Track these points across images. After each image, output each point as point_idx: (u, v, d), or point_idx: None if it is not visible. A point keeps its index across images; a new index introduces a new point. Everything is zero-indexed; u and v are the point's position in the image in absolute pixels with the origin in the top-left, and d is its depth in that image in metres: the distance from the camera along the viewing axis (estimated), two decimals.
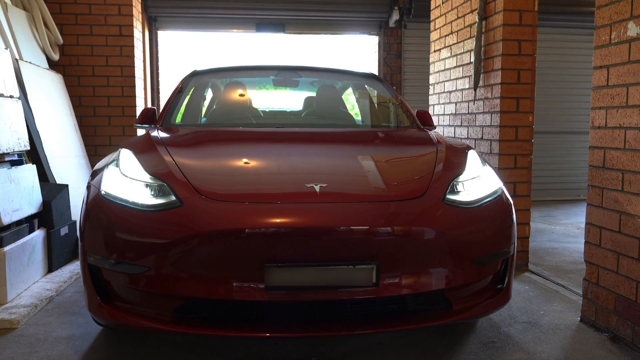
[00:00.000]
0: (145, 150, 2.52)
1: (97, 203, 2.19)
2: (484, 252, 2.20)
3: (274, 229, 1.95)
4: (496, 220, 2.30)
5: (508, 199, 2.43)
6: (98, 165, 2.59)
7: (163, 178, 2.19)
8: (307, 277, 1.97)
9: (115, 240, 2.07)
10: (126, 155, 2.43)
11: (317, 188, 2.13)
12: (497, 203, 2.33)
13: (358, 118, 3.87)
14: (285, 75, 3.85)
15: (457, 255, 2.11)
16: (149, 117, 3.28)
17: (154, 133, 2.86)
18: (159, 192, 2.14)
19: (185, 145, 2.76)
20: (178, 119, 3.39)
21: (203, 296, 1.97)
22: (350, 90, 4.15)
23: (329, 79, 4.01)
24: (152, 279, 1.99)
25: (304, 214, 2.02)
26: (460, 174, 2.38)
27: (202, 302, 2.02)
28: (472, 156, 2.60)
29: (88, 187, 2.38)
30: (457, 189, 2.29)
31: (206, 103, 3.79)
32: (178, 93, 3.49)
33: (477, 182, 2.38)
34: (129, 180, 2.23)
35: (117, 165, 2.35)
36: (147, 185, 2.18)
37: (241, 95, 3.73)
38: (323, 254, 1.97)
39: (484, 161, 2.64)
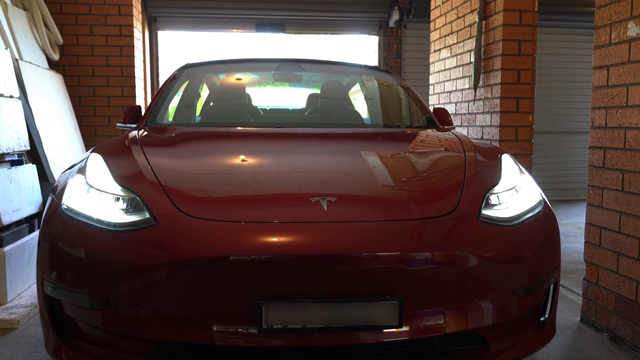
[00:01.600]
0: (119, 155, 2.14)
1: (57, 220, 1.82)
2: (528, 280, 1.82)
3: (269, 256, 1.59)
4: (541, 240, 1.92)
5: (552, 213, 2.05)
6: (64, 172, 2.19)
7: (136, 190, 1.81)
8: (313, 316, 1.60)
9: (76, 267, 1.71)
10: (95, 162, 2.03)
11: (324, 203, 1.76)
12: (540, 219, 1.95)
13: (366, 117, 3.53)
14: (286, 69, 3.44)
15: (496, 286, 1.74)
16: (134, 117, 2.92)
17: (134, 134, 2.46)
18: (130, 208, 1.77)
19: (167, 150, 2.38)
20: (169, 118, 3.06)
21: (181, 340, 1.61)
22: (358, 86, 3.76)
23: (335, 73, 3.62)
24: (119, 316, 1.64)
25: (308, 236, 1.66)
26: (496, 183, 1.99)
27: (180, 346, 1.66)
28: (508, 162, 2.20)
29: (50, 199, 2.00)
30: (493, 202, 1.91)
31: (198, 100, 3.41)
32: (166, 89, 3.07)
33: (516, 193, 2.00)
34: (95, 192, 1.85)
35: (84, 173, 1.96)
36: (117, 199, 1.80)
37: (237, 91, 3.35)
38: (332, 288, 1.61)
39: (521, 167, 2.25)
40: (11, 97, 3.50)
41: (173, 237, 1.64)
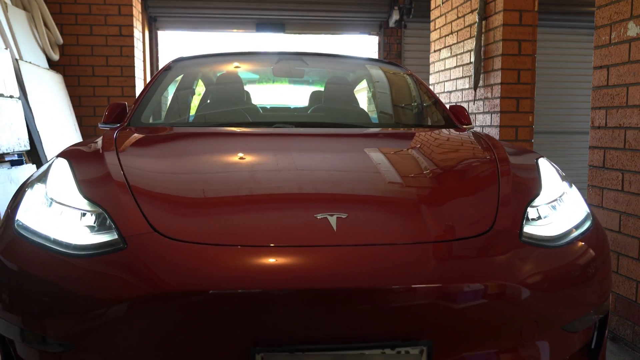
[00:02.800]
0: (89, 160, 1.79)
1: (9, 240, 1.50)
2: (579, 313, 1.50)
3: (265, 290, 1.27)
4: (592, 263, 1.55)
5: (602, 230, 1.72)
6: (29, 177, 1.87)
7: (104, 204, 1.49)
8: None
9: (28, 299, 1.38)
10: (59, 169, 1.70)
11: (332, 221, 1.43)
12: (589, 237, 1.61)
13: (375, 116, 3.26)
14: (287, 64, 3.12)
15: (543, 322, 1.42)
16: (118, 115, 2.57)
17: (110, 136, 2.10)
18: (97, 226, 1.44)
19: (147, 155, 2.00)
20: (157, 117, 2.76)
21: None
22: (366, 82, 3.46)
23: (340, 66, 3.30)
24: None
25: (313, 264, 1.34)
26: (536, 195, 1.65)
27: None
28: (546, 167, 1.85)
29: (5, 212, 1.70)
30: (534, 218, 1.58)
31: (191, 97, 3.07)
32: (154, 84, 2.75)
33: (559, 206, 1.67)
34: (57, 206, 1.52)
35: (44, 182, 1.63)
36: (83, 214, 1.48)
37: (235, 88, 3.01)
38: (343, 331, 1.29)
39: (561, 172, 1.90)
40: (11, 97, 3.50)
41: (144, 264, 1.32)
